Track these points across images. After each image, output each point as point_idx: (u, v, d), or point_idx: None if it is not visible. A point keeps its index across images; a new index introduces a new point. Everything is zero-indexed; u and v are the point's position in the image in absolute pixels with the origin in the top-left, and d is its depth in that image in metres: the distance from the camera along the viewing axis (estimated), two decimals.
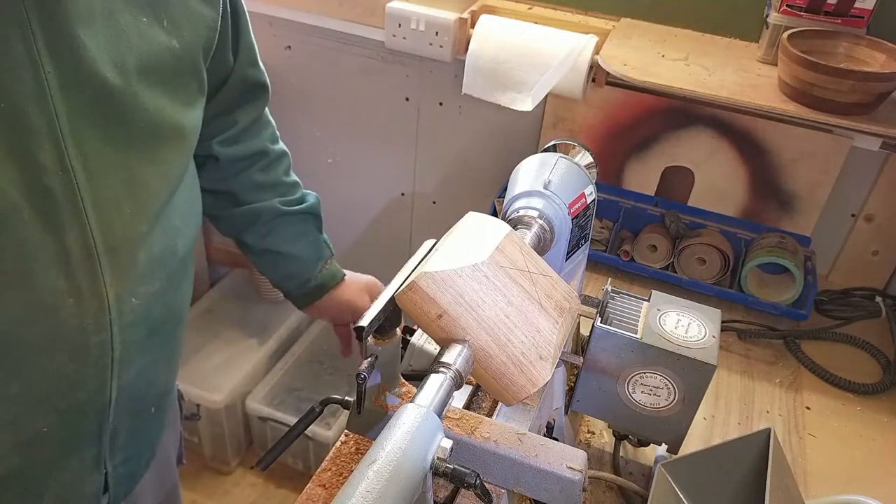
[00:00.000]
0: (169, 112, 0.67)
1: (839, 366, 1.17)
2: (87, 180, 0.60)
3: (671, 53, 1.27)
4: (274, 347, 1.97)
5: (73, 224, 0.60)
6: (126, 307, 0.66)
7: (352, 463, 0.77)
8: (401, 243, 1.84)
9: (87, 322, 0.63)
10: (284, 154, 0.98)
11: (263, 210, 0.94)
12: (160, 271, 0.71)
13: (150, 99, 0.64)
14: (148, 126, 0.64)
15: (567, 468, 0.63)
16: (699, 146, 1.38)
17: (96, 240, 0.62)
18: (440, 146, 1.65)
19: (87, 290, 0.62)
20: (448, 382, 0.55)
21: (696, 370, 0.78)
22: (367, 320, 0.60)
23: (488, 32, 1.36)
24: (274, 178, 0.96)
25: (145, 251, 0.67)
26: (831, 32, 1.16)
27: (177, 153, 0.70)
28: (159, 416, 0.84)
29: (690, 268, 1.32)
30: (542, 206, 0.71)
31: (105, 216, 0.62)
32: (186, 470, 1.89)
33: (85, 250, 0.61)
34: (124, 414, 0.73)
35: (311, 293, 1.00)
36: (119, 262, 0.64)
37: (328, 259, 1.01)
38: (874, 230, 1.35)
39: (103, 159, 0.61)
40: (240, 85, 0.87)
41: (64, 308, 0.61)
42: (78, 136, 0.59)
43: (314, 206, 0.99)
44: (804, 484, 0.97)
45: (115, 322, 0.65)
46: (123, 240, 0.64)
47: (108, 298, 0.64)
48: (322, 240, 1.01)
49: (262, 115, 0.95)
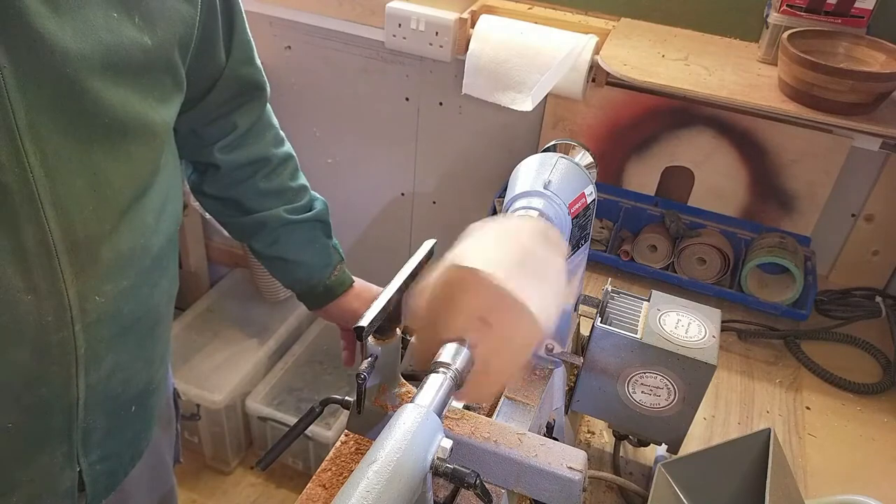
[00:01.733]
0: (137, 109, 0.65)
1: (839, 366, 1.17)
2: (45, 177, 0.58)
3: (671, 53, 1.27)
4: (274, 347, 1.98)
5: (29, 221, 0.58)
6: (90, 305, 0.65)
7: (352, 463, 0.77)
8: (401, 243, 1.84)
9: (46, 319, 0.62)
10: (289, 157, 0.97)
11: (269, 219, 0.94)
12: (129, 269, 0.69)
13: (116, 95, 0.62)
14: (113, 123, 0.62)
15: (567, 468, 0.63)
16: (699, 146, 1.38)
17: (55, 237, 0.60)
18: (440, 146, 1.65)
19: (45, 287, 0.61)
20: (448, 382, 0.55)
21: (696, 370, 0.78)
22: (367, 320, 0.60)
23: (488, 32, 1.36)
24: (279, 184, 0.95)
25: (110, 249, 0.66)
26: (831, 32, 1.16)
27: (146, 150, 0.68)
28: (142, 415, 0.83)
29: (690, 268, 1.32)
30: (542, 206, 0.71)
31: (65, 214, 0.60)
32: (186, 470, 1.91)
33: (42, 248, 0.60)
34: (98, 412, 0.72)
35: (319, 297, 1.00)
36: (79, 261, 0.63)
37: (337, 265, 1.00)
38: (874, 230, 1.35)
39: (64, 156, 0.59)
40: (234, 84, 0.86)
41: (21, 304, 0.60)
42: (36, 132, 0.57)
43: (322, 213, 0.99)
44: (804, 484, 0.97)
45: (78, 320, 0.64)
46: (85, 238, 0.63)
47: (69, 296, 0.63)
48: (331, 245, 1.00)
49: (262, 118, 0.93)
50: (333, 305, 1.01)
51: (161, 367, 0.85)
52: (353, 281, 1.03)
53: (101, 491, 0.79)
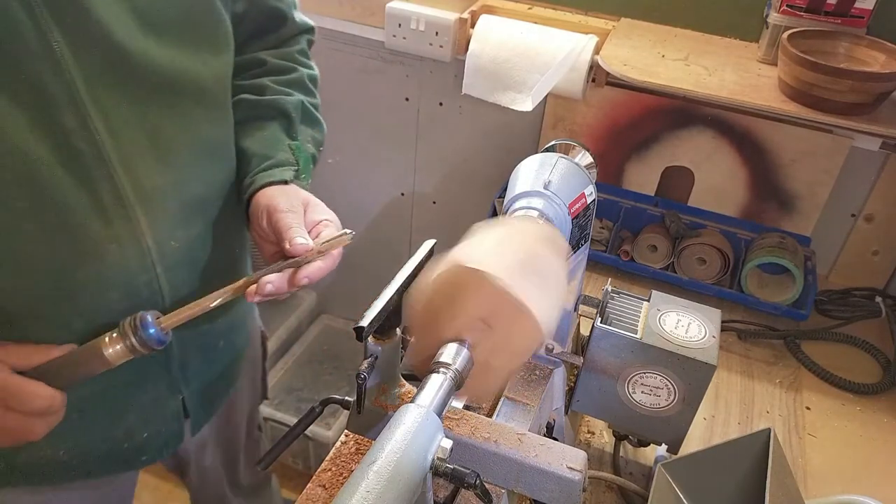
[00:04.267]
0: (185, 66, 0.69)
1: (839, 366, 1.17)
2: (110, 137, 0.64)
3: (671, 53, 1.27)
4: (274, 347, 1.97)
5: (102, 179, 0.65)
6: (167, 250, 0.72)
7: (352, 463, 0.76)
8: (401, 243, 1.84)
9: (131, 265, 0.69)
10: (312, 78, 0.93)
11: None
12: (198, 217, 0.76)
13: (163, 55, 0.66)
14: (163, 81, 0.67)
15: (567, 468, 0.63)
16: (699, 146, 1.38)
17: (127, 191, 0.67)
18: (440, 146, 1.65)
19: (126, 236, 0.68)
20: (448, 382, 0.55)
21: (696, 370, 0.78)
22: (367, 320, 0.60)
23: (488, 32, 1.36)
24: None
25: (176, 199, 0.72)
26: (831, 32, 1.16)
27: (199, 105, 0.72)
28: (229, 349, 0.93)
29: (690, 268, 1.32)
30: (542, 206, 0.71)
31: (131, 169, 0.67)
32: None
33: (118, 201, 0.67)
34: (190, 347, 0.82)
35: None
36: (152, 210, 0.70)
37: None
38: (874, 230, 1.35)
39: (123, 117, 0.65)
40: (257, 16, 0.84)
41: (108, 253, 0.67)
42: (96, 97, 0.63)
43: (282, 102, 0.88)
44: (804, 484, 0.97)
45: (158, 263, 0.72)
46: (152, 189, 0.69)
47: (147, 243, 0.70)
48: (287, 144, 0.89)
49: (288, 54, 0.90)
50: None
51: (240, 307, 0.93)
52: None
53: (202, 415, 0.91)
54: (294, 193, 0.76)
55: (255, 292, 0.67)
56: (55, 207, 0.63)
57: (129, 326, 0.64)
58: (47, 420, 0.66)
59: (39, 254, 0.64)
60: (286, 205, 0.72)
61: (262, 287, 0.66)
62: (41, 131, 0.61)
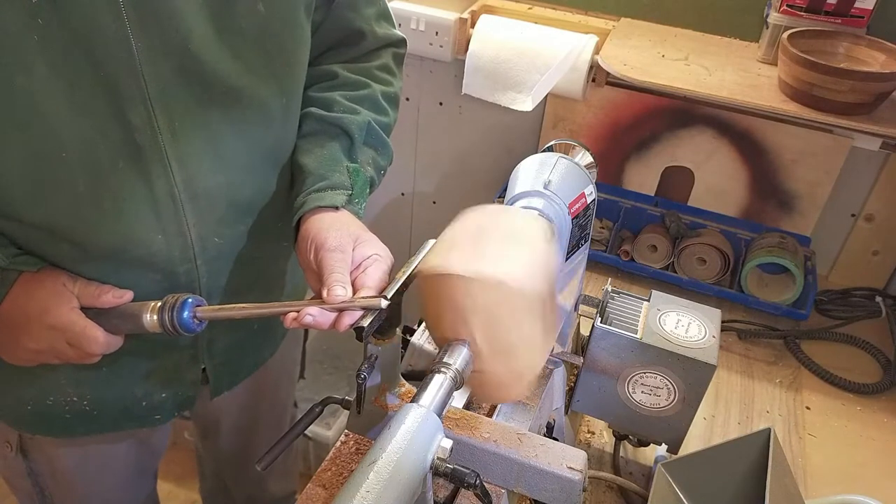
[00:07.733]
0: (253, 79, 0.71)
1: (839, 366, 1.17)
2: (171, 138, 0.68)
3: (671, 53, 1.27)
4: None
5: (159, 176, 0.69)
6: (209, 244, 0.77)
7: (352, 463, 0.76)
8: (401, 243, 1.84)
9: (173, 254, 0.74)
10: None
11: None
12: (246, 217, 0.79)
13: (233, 67, 0.69)
14: (229, 91, 0.70)
15: (567, 468, 0.63)
16: (699, 146, 1.38)
17: (179, 189, 0.71)
18: (440, 146, 1.65)
19: (173, 229, 0.72)
20: (448, 382, 0.55)
21: (696, 370, 0.78)
22: (367, 320, 0.60)
23: (488, 32, 1.36)
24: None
25: (226, 200, 0.75)
26: (831, 32, 1.16)
27: (259, 116, 0.74)
28: (265, 332, 0.97)
29: (690, 268, 1.32)
30: (542, 205, 0.71)
31: (186, 169, 0.70)
32: (187, 470, 1.90)
33: (170, 197, 0.71)
34: (219, 327, 0.86)
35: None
36: (199, 209, 0.73)
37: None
38: (874, 230, 1.35)
39: (187, 120, 0.68)
40: (335, 30, 0.84)
41: (154, 243, 0.72)
42: (164, 99, 0.66)
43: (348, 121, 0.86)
44: (804, 484, 0.97)
45: (199, 256, 0.76)
46: (204, 189, 0.73)
47: (192, 237, 0.74)
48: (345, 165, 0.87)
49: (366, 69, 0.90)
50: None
51: (280, 297, 0.96)
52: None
53: (223, 385, 0.94)
54: (345, 227, 0.72)
55: (294, 318, 0.65)
56: (111, 195, 0.67)
57: (169, 303, 0.68)
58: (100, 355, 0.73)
59: (93, 234, 0.69)
60: (335, 242, 0.69)
61: (302, 316, 0.65)
62: (109, 125, 0.64)
